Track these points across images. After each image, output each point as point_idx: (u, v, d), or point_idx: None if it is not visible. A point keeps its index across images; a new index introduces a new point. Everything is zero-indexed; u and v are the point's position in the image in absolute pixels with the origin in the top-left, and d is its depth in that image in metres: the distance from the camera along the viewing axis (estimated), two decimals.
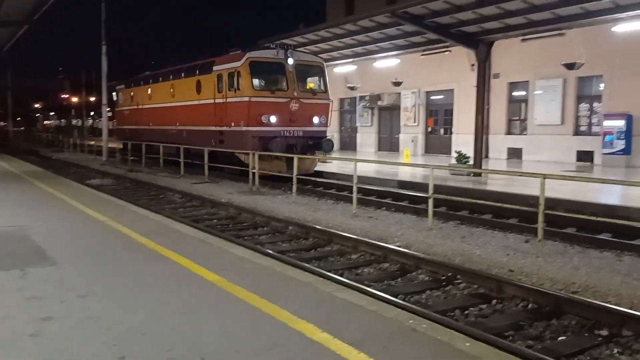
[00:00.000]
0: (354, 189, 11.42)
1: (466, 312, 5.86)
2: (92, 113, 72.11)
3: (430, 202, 9.78)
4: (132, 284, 5.23)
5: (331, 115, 17.92)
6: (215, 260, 6.13)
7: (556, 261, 7.47)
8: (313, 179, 15.93)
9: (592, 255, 7.80)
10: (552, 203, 9.76)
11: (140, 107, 24.84)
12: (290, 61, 16.63)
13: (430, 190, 9.80)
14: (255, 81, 16.53)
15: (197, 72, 19.13)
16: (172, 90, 21.12)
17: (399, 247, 8.34)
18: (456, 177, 15.22)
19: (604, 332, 5.21)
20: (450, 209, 11.36)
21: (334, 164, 19.78)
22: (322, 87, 17.69)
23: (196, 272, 5.58)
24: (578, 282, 6.55)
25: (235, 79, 16.68)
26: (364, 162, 16.45)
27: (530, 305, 5.92)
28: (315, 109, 17.05)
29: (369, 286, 6.59)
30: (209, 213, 12.11)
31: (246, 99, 16.24)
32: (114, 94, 28.93)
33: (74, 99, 68.44)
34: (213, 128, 17.96)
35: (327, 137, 17.54)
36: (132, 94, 25.99)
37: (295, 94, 16.60)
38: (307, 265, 7.26)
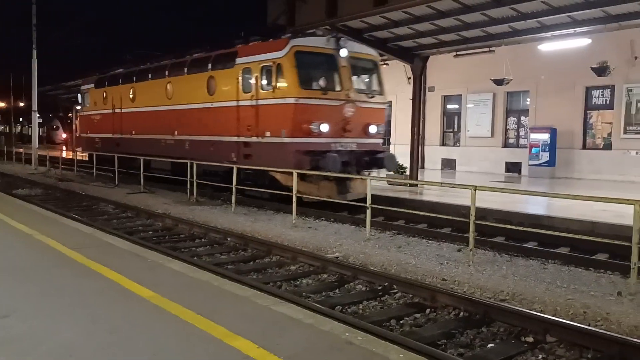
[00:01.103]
0: (294, 199, 11.45)
1: (401, 321, 5.99)
2: (20, 119, 68.65)
3: (368, 212, 9.95)
4: (60, 301, 5.02)
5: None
6: (149, 275, 5.98)
7: (486, 270, 7.77)
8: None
9: (519, 264, 8.17)
10: (482, 213, 10.16)
11: (117, 111, 20.29)
12: (344, 52, 12.98)
13: (368, 201, 9.97)
14: (303, 77, 12.63)
15: (210, 66, 15.11)
16: (168, 89, 16.92)
17: (337, 257, 8.43)
18: (394, 188, 15.56)
19: (530, 339, 5.46)
20: (388, 218, 11.58)
21: None
22: (378, 87, 14.05)
23: (129, 288, 5.42)
24: (506, 290, 6.84)
25: (274, 74, 12.83)
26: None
27: (461, 314, 6.12)
28: (373, 115, 13.58)
29: (307, 298, 6.63)
30: (144, 224, 11.79)
31: (291, 100, 12.44)
32: (78, 95, 24.23)
33: (1, 104, 64.97)
34: (234, 139, 14.07)
35: (388, 152, 14.34)
36: (104, 95, 21.10)
37: (351, 95, 13.00)
38: (245, 278, 7.20)
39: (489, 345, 5.35)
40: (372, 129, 13.47)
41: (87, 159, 24.32)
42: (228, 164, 13.85)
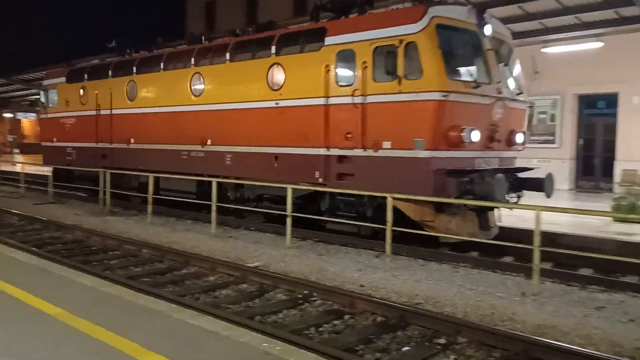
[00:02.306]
0: (213, 207, 11.25)
1: (321, 329, 6.05)
2: None
3: (289, 220, 9.97)
4: None
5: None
6: (57, 291, 5.66)
7: (402, 275, 8.02)
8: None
9: (433, 268, 8.50)
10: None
11: (104, 112, 15.54)
12: (488, 30, 9.61)
13: (289, 209, 9.99)
14: (449, 63, 9.01)
15: (274, 50, 11.16)
16: (194, 84, 12.84)
17: (258, 267, 8.38)
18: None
19: (442, 341, 5.69)
20: (308, 227, 11.66)
21: None
22: (520, 82, 10.53)
23: (35, 306, 5.10)
24: (420, 293, 7.09)
25: (400, 57, 9.02)
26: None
27: (378, 319, 6.28)
28: (517, 119, 10.23)
29: (226, 309, 6.53)
30: (52, 237, 11.14)
31: (434, 96, 8.67)
32: (42, 93, 18.85)
33: None
34: (320, 151, 10.25)
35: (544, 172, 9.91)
36: (82, 91, 16.36)
37: (503, 90, 9.60)
38: (160, 291, 6.99)
39: (404, 349, 5.51)
40: (519, 137, 10.02)
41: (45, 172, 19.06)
42: (308, 185, 10.44)
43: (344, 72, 10.04)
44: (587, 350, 5.07)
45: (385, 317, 6.25)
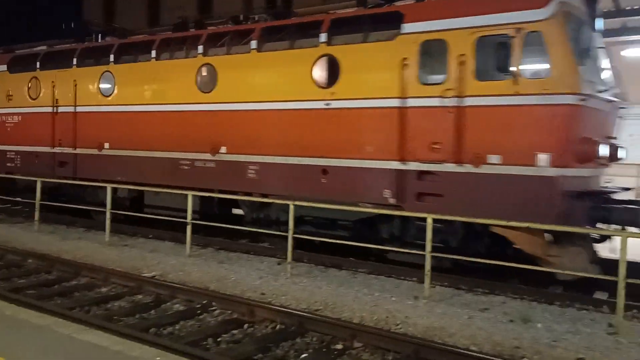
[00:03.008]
0: (107, 214, 10.71)
1: (219, 339, 5.97)
2: None
3: (189, 228, 9.74)
4: None
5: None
6: None
7: (303, 281, 8.11)
8: None
9: (333, 275, 8.67)
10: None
11: (64, 110, 12.89)
12: (599, 24, 8.40)
13: (189, 217, 9.76)
14: (579, 60, 7.54)
15: (325, 38, 9.23)
16: (202, 77, 10.66)
17: (154, 276, 8.12)
18: None
19: (339, 346, 5.83)
20: (209, 234, 11.46)
21: None
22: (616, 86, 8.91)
23: None
24: (320, 300, 7.21)
25: (518, 49, 7.48)
26: None
27: (278, 327, 6.31)
28: (617, 129, 8.69)
29: (118, 322, 6.26)
30: None
31: (568, 99, 7.21)
32: None
33: None
34: (392, 164, 8.50)
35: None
36: (33, 83, 13.52)
37: (619, 94, 8.57)
38: (46, 304, 6.55)
39: (302, 356, 5.58)
40: (622, 152, 8.24)
41: None
42: (372, 207, 8.68)
43: (430, 67, 8.26)
44: (470, 350, 5.42)
45: (285, 325, 6.29)
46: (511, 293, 7.72)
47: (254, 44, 10.09)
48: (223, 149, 10.30)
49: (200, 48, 10.77)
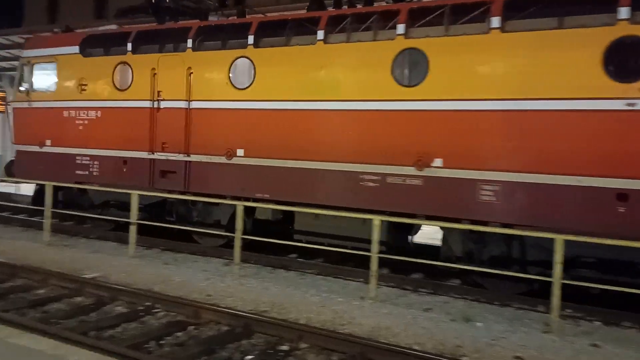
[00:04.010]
0: (47, 213, 10.30)
1: (162, 342, 5.85)
2: None
3: (134, 228, 9.51)
4: None
5: None
6: None
7: (250, 283, 8.07)
8: None
9: (281, 276, 8.67)
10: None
11: (167, 105, 10.41)
12: None
13: (134, 217, 9.53)
14: None
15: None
16: (399, 66, 8.31)
17: (95, 278, 7.87)
18: None
19: (285, 347, 5.82)
20: (154, 234, 11.21)
21: None
22: None
23: None
24: (267, 301, 7.19)
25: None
26: None
27: (224, 328, 6.24)
28: None
29: (57, 325, 6.03)
30: None
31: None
32: (22, 68, 12.42)
33: None
34: None
35: None
36: (120, 70, 10.95)
37: None
38: None
39: (247, 357, 5.54)
40: None
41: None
42: None
43: None
44: (413, 349, 5.53)
45: (230, 326, 6.23)
46: (454, 293, 7.94)
47: (495, 21, 7.64)
48: (437, 162, 8.00)
49: (401, 27, 8.32)
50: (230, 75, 9.66)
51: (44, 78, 12.09)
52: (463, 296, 7.83)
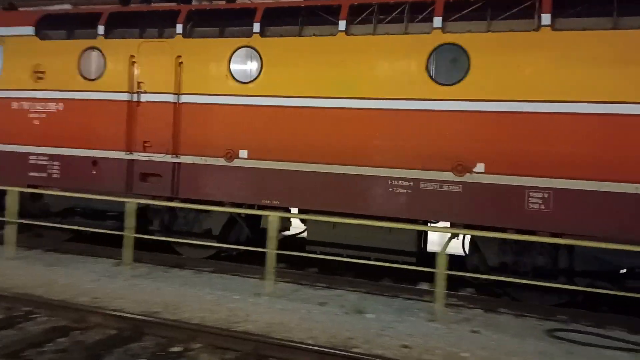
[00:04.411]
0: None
1: (43, 349, 5.49)
2: None
3: (12, 228, 8.82)
4: None
5: None
6: None
7: (142, 283, 7.78)
8: None
9: (175, 275, 8.44)
10: None
11: (150, 98, 9.23)
12: None
13: (11, 216, 8.83)
14: None
15: None
16: (431, 63, 7.83)
17: None
18: None
19: (177, 348, 5.69)
20: (38, 235, 10.47)
21: None
22: None
23: None
24: (160, 301, 6.98)
25: None
26: None
27: (111, 332, 5.97)
28: None
29: None
30: None
31: None
32: None
33: None
34: None
35: None
36: (87, 56, 9.62)
37: None
38: None
39: None
40: None
41: None
42: None
43: None
44: (306, 343, 5.63)
45: (119, 330, 5.98)
46: (348, 286, 8.17)
47: (545, 18, 7.31)
48: (479, 167, 7.55)
49: (437, 21, 7.77)
50: (231, 67, 8.68)
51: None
52: (357, 289, 8.07)
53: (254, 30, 8.59)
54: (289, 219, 9.03)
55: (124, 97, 9.31)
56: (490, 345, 6.01)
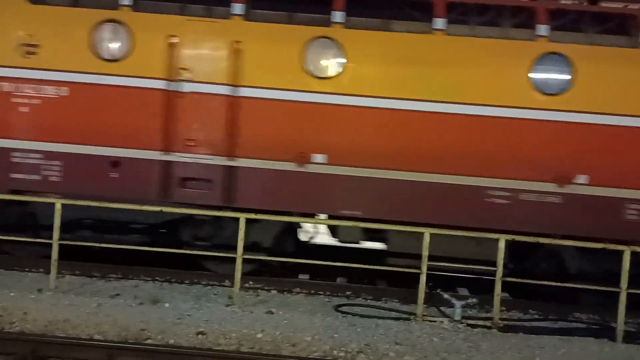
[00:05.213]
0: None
1: None
2: None
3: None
4: None
5: None
6: None
7: None
8: None
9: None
10: None
11: (198, 89, 7.46)
12: None
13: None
14: None
15: None
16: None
17: None
18: None
19: None
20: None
21: None
22: None
23: None
24: None
25: None
26: None
27: None
28: None
29: None
30: None
31: None
32: None
33: None
34: None
35: None
36: (124, 30, 7.45)
37: None
38: None
39: None
40: None
41: None
42: None
43: None
44: (94, 339, 5.32)
45: None
46: (144, 276, 7.87)
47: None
48: (580, 178, 7.54)
49: (543, 29, 7.59)
50: (306, 59, 7.66)
51: None
52: (154, 278, 7.81)
53: (335, 20, 7.70)
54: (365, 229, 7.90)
55: (160, 84, 7.71)
56: (283, 324, 6.32)
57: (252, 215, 7.14)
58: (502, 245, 6.80)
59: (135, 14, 7.75)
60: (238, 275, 7.03)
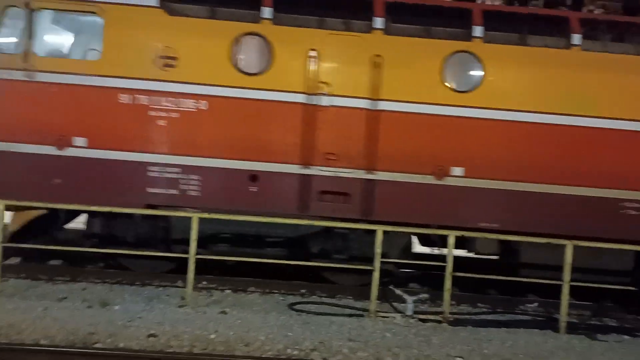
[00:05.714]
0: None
1: None
2: None
3: None
4: None
5: None
6: None
7: None
8: None
9: None
10: None
11: (336, 102, 7.45)
12: None
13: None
14: None
15: None
16: None
17: None
18: None
19: None
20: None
21: None
22: None
23: None
24: None
25: None
26: None
27: None
28: None
29: None
30: None
31: None
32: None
33: None
34: None
35: None
36: (265, 44, 7.42)
37: None
38: None
39: None
40: None
41: None
42: None
43: None
44: (40, 344, 5.16)
45: None
46: (94, 278, 7.69)
47: None
48: None
49: None
50: (445, 73, 7.70)
51: (62, 35, 7.98)
52: (104, 280, 7.64)
53: (475, 34, 7.79)
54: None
55: (299, 98, 7.71)
56: (237, 324, 6.30)
57: (389, 228, 7.27)
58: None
59: (275, 27, 7.75)
60: (190, 275, 6.95)
